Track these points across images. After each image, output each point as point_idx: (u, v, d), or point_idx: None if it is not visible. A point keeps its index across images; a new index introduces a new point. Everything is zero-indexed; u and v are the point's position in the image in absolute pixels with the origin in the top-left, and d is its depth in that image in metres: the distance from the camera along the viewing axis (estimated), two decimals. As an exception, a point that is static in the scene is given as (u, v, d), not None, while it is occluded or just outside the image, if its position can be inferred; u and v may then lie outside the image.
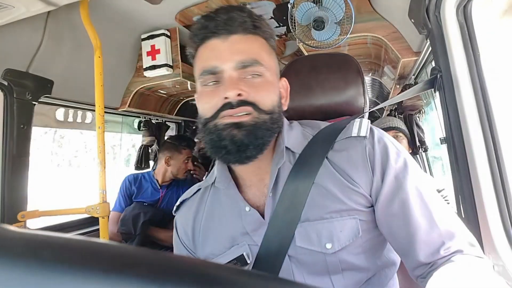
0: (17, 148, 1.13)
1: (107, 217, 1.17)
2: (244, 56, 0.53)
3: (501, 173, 0.71)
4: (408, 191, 0.52)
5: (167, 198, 1.77)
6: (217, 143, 0.53)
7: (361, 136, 0.56)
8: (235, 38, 0.54)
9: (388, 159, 0.54)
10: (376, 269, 0.57)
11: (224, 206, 0.61)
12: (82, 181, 5.11)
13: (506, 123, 0.75)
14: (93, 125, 1.65)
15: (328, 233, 0.53)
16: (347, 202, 0.53)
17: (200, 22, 0.55)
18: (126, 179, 1.78)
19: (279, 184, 0.56)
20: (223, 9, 0.55)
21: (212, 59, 0.53)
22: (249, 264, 0.57)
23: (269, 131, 0.54)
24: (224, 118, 0.52)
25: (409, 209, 0.51)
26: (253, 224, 0.57)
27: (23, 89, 1.13)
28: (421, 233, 0.50)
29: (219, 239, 0.60)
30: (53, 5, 0.81)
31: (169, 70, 1.46)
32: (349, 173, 0.54)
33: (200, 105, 0.57)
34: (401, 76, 1.72)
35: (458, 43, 0.76)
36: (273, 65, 0.58)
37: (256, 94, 0.52)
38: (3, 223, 1.09)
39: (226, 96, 0.51)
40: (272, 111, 0.54)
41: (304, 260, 0.54)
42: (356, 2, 1.18)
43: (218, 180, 0.61)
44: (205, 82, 0.55)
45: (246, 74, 0.53)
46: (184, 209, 0.68)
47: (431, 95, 1.83)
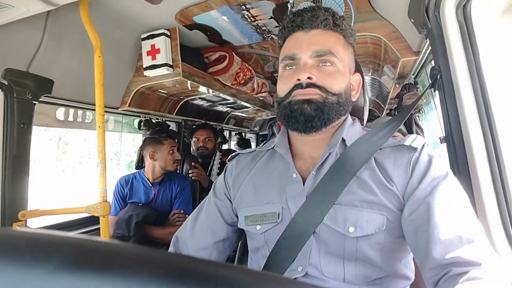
0: (18, 147, 1.13)
1: (107, 216, 1.17)
2: (320, 46, 0.61)
3: (500, 172, 0.72)
4: (440, 195, 0.54)
5: (160, 195, 1.75)
6: (289, 115, 0.61)
7: (413, 147, 0.60)
8: (316, 32, 0.63)
9: (430, 169, 0.57)
10: (387, 273, 0.59)
11: (275, 167, 0.69)
12: (87, 184, 5.11)
13: (506, 122, 0.75)
14: (93, 124, 1.65)
15: (354, 219, 0.57)
16: (380, 196, 0.57)
17: (289, 18, 0.65)
18: (118, 182, 1.77)
19: (324, 167, 0.62)
20: (310, 8, 0.64)
21: (293, 48, 0.63)
22: (277, 223, 0.63)
23: (334, 110, 0.61)
24: (296, 96, 0.61)
25: (435, 210, 0.52)
26: (294, 191, 0.63)
27: (23, 88, 1.13)
28: (440, 233, 0.50)
29: (259, 193, 0.67)
30: (53, 5, 0.81)
31: (169, 69, 1.45)
32: (390, 173, 0.58)
33: (278, 86, 0.66)
34: (400, 75, 1.72)
35: (457, 43, 0.76)
36: (346, 58, 0.65)
37: (324, 80, 0.60)
38: (3, 222, 1.09)
39: (299, 78, 0.60)
40: (339, 94, 0.62)
41: (325, 238, 0.58)
42: (356, 2, 1.18)
43: (278, 146, 0.69)
44: (284, 66, 0.64)
45: (319, 62, 0.61)
46: (238, 158, 0.78)
47: (430, 95, 1.84)
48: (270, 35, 1.59)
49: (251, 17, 1.39)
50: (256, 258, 0.68)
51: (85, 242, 0.15)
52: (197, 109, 2.40)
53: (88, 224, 1.70)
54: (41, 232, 0.16)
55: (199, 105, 2.38)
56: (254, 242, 0.68)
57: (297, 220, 0.60)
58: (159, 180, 1.77)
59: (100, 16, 1.22)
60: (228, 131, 3.53)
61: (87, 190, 3.40)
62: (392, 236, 0.57)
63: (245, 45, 1.74)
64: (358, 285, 0.57)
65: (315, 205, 0.59)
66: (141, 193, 1.74)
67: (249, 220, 0.66)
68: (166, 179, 1.80)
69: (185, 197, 1.77)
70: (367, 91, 1.29)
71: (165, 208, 1.74)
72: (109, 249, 0.15)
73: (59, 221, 1.60)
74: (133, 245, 0.16)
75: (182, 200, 1.75)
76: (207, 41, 1.66)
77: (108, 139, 1.17)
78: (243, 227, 0.69)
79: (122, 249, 0.15)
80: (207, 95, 2.06)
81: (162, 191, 1.76)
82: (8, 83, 1.09)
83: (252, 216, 0.66)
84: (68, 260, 0.14)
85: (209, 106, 2.51)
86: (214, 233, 0.73)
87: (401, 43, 1.36)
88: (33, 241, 0.15)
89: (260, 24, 1.46)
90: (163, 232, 1.61)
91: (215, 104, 2.49)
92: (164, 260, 0.14)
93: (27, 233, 0.16)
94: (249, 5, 1.28)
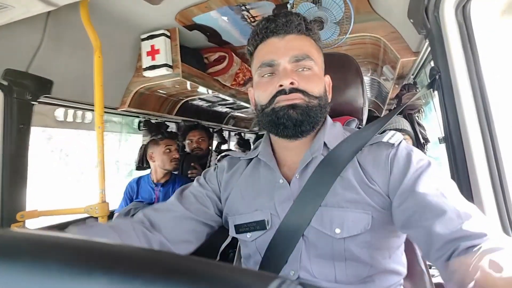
0: (16, 148, 1.13)
1: (106, 217, 1.17)
2: (297, 51, 0.61)
3: (499, 173, 0.72)
4: (427, 181, 0.53)
5: (162, 195, 1.81)
6: (275, 121, 0.61)
7: (390, 143, 0.60)
8: (290, 37, 0.63)
9: (410, 161, 0.57)
10: (378, 270, 0.59)
11: (261, 175, 0.69)
12: (89, 193, 5.09)
13: (505, 122, 0.75)
14: (92, 125, 1.65)
15: (340, 220, 0.57)
16: (364, 196, 0.57)
17: (261, 24, 0.65)
18: (129, 184, 1.91)
19: (308, 170, 0.63)
20: (282, 13, 0.64)
21: (270, 54, 0.63)
22: (267, 230, 0.63)
23: (318, 112, 0.62)
24: (280, 102, 0.61)
25: (426, 196, 0.51)
26: (282, 195, 0.63)
27: (22, 89, 1.13)
28: (437, 214, 0.49)
29: (248, 201, 0.67)
30: (53, 5, 0.81)
31: (168, 70, 1.45)
32: (370, 172, 0.59)
33: (256, 93, 0.66)
34: (400, 76, 1.72)
35: (457, 43, 0.76)
36: (320, 62, 0.66)
37: (305, 84, 0.61)
38: (2, 223, 1.09)
39: (281, 84, 0.60)
40: (320, 97, 0.63)
41: (313, 240, 0.59)
42: (355, 2, 1.18)
43: (262, 154, 0.70)
44: (262, 74, 0.64)
45: (298, 67, 0.62)
46: (228, 161, 0.77)
47: (430, 95, 1.84)
48: (270, 35, 1.59)
49: (251, 18, 1.39)
50: (248, 264, 0.68)
51: (84, 243, 0.15)
52: (197, 109, 2.40)
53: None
54: (39, 233, 0.16)
55: (199, 106, 2.38)
56: (246, 249, 0.68)
57: (285, 224, 0.60)
58: (163, 181, 1.85)
59: (100, 16, 1.22)
60: (227, 131, 3.53)
61: (91, 196, 3.37)
62: (378, 234, 0.57)
63: (244, 45, 1.73)
64: (350, 284, 0.57)
65: (302, 208, 0.60)
66: (146, 193, 1.85)
67: (239, 228, 0.66)
68: (171, 181, 1.87)
69: None
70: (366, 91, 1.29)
71: None
72: (108, 250, 0.15)
73: (58, 222, 1.60)
74: (132, 246, 0.16)
75: None
76: (206, 42, 1.66)
77: (108, 146, 1.17)
78: (234, 235, 0.68)
79: (120, 249, 0.15)
80: (206, 96, 2.06)
81: (164, 191, 1.82)
82: (7, 84, 1.09)
83: (242, 225, 0.66)
84: (66, 260, 0.14)
85: (209, 107, 2.51)
86: (198, 211, 0.69)
87: (400, 43, 1.36)
88: (31, 242, 0.15)
89: (260, 24, 1.46)
90: None
91: (215, 105, 2.49)
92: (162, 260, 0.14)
93: (26, 234, 0.16)
94: (249, 5, 1.28)
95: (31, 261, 0.14)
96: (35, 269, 0.13)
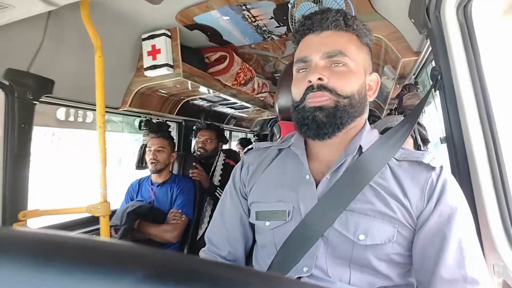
0: (18, 147, 1.13)
1: (108, 216, 1.17)
2: (330, 47, 0.60)
3: (501, 173, 0.71)
4: (456, 227, 0.54)
5: (159, 195, 1.82)
6: (301, 121, 0.62)
7: (431, 166, 0.59)
8: (326, 34, 0.62)
9: (447, 194, 0.57)
10: (393, 283, 0.59)
11: (289, 167, 0.69)
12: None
13: (506, 122, 0.75)
14: (93, 124, 1.65)
15: (366, 227, 0.57)
16: (395, 210, 0.57)
17: (300, 21, 0.65)
18: (131, 184, 1.93)
19: (339, 171, 0.62)
20: (320, 10, 0.64)
21: (304, 50, 0.63)
22: (286, 222, 0.63)
23: (347, 113, 0.60)
24: (310, 101, 0.60)
25: (449, 243, 0.53)
26: (306, 192, 0.63)
27: (24, 88, 1.13)
28: (447, 268, 0.52)
29: (272, 190, 0.68)
30: (53, 5, 0.81)
31: (169, 70, 1.45)
32: (406, 188, 0.58)
33: (292, 90, 0.66)
34: (401, 75, 1.72)
35: (458, 43, 0.76)
36: (360, 58, 0.63)
37: (336, 81, 0.60)
38: (4, 222, 1.09)
39: (310, 80, 0.60)
40: (351, 96, 0.61)
41: (333, 242, 0.59)
42: (356, 2, 1.18)
43: (294, 145, 0.70)
44: (297, 70, 0.65)
45: (331, 63, 0.61)
46: (255, 153, 0.78)
47: (431, 95, 1.83)
48: (271, 35, 1.59)
49: (252, 17, 1.39)
50: (262, 255, 0.69)
51: (86, 242, 0.15)
52: (198, 109, 2.40)
53: (89, 224, 1.70)
54: (42, 232, 0.16)
55: (200, 105, 2.38)
56: (262, 238, 0.68)
57: (307, 221, 0.60)
58: (160, 180, 1.85)
59: (101, 16, 1.22)
60: (228, 131, 3.53)
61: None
62: (400, 249, 0.58)
63: (245, 45, 1.74)
64: None
65: (327, 209, 0.59)
66: (146, 192, 1.86)
67: (259, 215, 0.67)
68: (170, 180, 1.86)
69: (185, 198, 1.79)
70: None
71: (164, 208, 1.78)
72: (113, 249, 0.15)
73: (60, 221, 1.60)
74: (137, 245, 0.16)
75: (182, 200, 1.78)
76: (207, 41, 1.66)
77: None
78: (253, 222, 0.70)
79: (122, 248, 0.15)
80: (207, 95, 2.06)
81: (161, 191, 1.83)
82: (9, 83, 1.09)
83: (263, 212, 0.67)
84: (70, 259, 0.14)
85: (210, 107, 2.51)
86: (243, 226, 0.74)
87: (401, 43, 1.36)
88: (34, 241, 0.15)
89: (261, 24, 1.46)
90: (156, 229, 1.66)
91: (216, 105, 2.49)
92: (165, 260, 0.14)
93: (28, 232, 0.16)
94: (250, 5, 1.28)
95: (34, 260, 0.14)
96: (38, 268, 0.13)
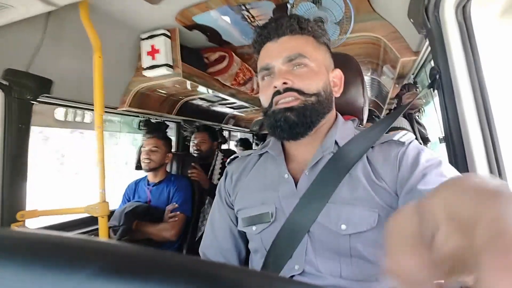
0: (16, 147, 1.13)
1: (107, 217, 1.17)
2: (289, 51, 0.63)
3: (499, 172, 0.72)
4: (434, 180, 0.52)
5: (156, 195, 1.82)
6: (273, 124, 0.63)
7: (401, 141, 0.61)
8: (284, 39, 0.65)
9: (419, 158, 0.57)
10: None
11: (268, 170, 0.71)
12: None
13: (505, 122, 0.75)
14: (92, 124, 1.65)
15: (346, 216, 0.58)
16: (371, 193, 0.58)
17: (256, 32, 0.68)
18: (128, 185, 1.92)
19: (318, 167, 0.64)
20: (273, 19, 0.66)
21: (266, 58, 0.66)
22: (271, 223, 0.64)
23: (316, 111, 0.63)
24: (278, 104, 0.62)
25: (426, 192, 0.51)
26: (286, 191, 0.64)
27: (22, 88, 1.13)
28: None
29: (255, 194, 0.69)
30: (53, 5, 0.81)
31: (169, 70, 1.45)
32: (379, 170, 0.60)
33: (260, 98, 0.68)
34: (400, 75, 1.72)
35: (457, 43, 0.76)
36: (319, 57, 0.66)
37: (300, 82, 0.62)
38: (2, 222, 1.09)
39: (275, 85, 0.62)
40: (317, 93, 0.63)
41: (319, 236, 0.59)
42: (356, 2, 1.18)
43: (271, 148, 0.72)
44: (262, 77, 0.67)
45: (292, 66, 0.63)
46: (237, 162, 0.80)
47: (430, 95, 1.83)
48: (270, 35, 1.59)
49: (251, 18, 1.39)
50: (255, 258, 0.69)
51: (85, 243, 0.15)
52: (197, 109, 2.39)
53: (88, 224, 1.70)
54: (39, 232, 0.16)
55: (199, 105, 2.38)
56: (252, 243, 0.69)
57: (291, 219, 0.61)
58: (156, 180, 1.85)
59: (100, 16, 1.22)
60: (227, 131, 3.53)
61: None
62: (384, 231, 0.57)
63: (245, 45, 1.74)
64: (356, 281, 0.57)
65: (309, 204, 0.60)
66: (143, 193, 1.86)
67: (246, 221, 0.68)
68: (166, 180, 1.85)
69: (182, 195, 1.79)
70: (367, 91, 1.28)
71: (161, 207, 1.78)
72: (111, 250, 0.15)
73: (59, 221, 1.60)
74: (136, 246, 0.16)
75: (179, 198, 1.78)
76: (207, 42, 1.66)
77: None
78: (241, 229, 0.70)
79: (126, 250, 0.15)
80: (206, 95, 2.06)
81: (157, 190, 1.83)
82: (8, 83, 1.09)
83: (248, 218, 0.68)
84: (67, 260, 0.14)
85: (209, 106, 2.51)
86: (233, 236, 0.75)
87: (400, 43, 1.36)
88: (31, 241, 0.15)
89: (260, 24, 1.46)
90: (154, 228, 1.66)
91: (215, 104, 2.49)
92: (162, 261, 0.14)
93: (26, 233, 0.16)
94: (249, 5, 1.28)
95: (31, 260, 0.14)
96: (35, 268, 0.13)
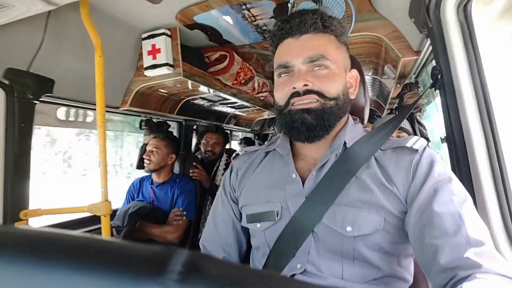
0: (19, 147, 1.13)
1: (109, 216, 1.17)
2: (311, 52, 0.61)
3: (501, 172, 0.71)
4: (445, 198, 0.53)
5: (159, 195, 1.82)
6: (290, 124, 0.62)
7: (414, 149, 0.60)
8: (306, 37, 0.62)
9: (432, 172, 0.56)
10: (386, 274, 0.59)
11: (276, 168, 0.70)
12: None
13: (507, 122, 0.75)
14: (94, 124, 1.65)
15: (352, 218, 0.57)
16: (379, 197, 0.57)
17: (277, 25, 0.65)
18: (132, 183, 1.92)
19: (325, 168, 0.63)
20: (297, 13, 0.63)
21: (285, 55, 0.63)
22: (276, 222, 0.64)
23: (334, 115, 0.62)
24: (295, 105, 0.61)
25: (441, 215, 0.51)
26: (293, 190, 0.64)
27: (24, 88, 1.13)
28: (448, 237, 0.49)
29: (261, 192, 0.69)
30: (53, 5, 0.81)
31: (170, 69, 1.45)
32: (391, 174, 0.58)
33: (275, 94, 0.66)
34: (401, 75, 1.72)
35: (458, 42, 0.76)
36: (340, 58, 0.64)
37: (321, 84, 0.60)
38: (5, 221, 1.10)
39: (294, 86, 0.60)
40: (337, 98, 0.62)
41: (323, 237, 0.59)
42: (357, 2, 1.18)
43: (279, 146, 0.71)
44: (279, 74, 0.65)
45: (313, 67, 0.61)
46: (243, 157, 0.79)
47: (432, 94, 1.83)
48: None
49: (252, 17, 1.39)
50: (257, 256, 0.70)
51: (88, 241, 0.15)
52: (198, 108, 2.40)
53: (91, 223, 1.70)
54: (43, 230, 0.16)
55: (200, 105, 2.38)
56: (255, 240, 0.69)
57: (296, 219, 0.61)
58: (161, 180, 1.85)
59: (101, 15, 1.22)
60: (229, 130, 3.53)
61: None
62: (390, 238, 0.57)
63: (245, 44, 1.73)
64: (357, 283, 0.58)
65: (315, 205, 0.60)
66: (145, 192, 1.87)
67: (250, 218, 0.68)
68: (170, 181, 1.86)
69: (186, 199, 1.79)
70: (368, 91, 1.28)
71: (164, 208, 1.78)
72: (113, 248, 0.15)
73: (62, 220, 1.61)
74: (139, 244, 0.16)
75: (183, 202, 1.78)
76: (207, 41, 1.66)
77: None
78: (245, 225, 0.71)
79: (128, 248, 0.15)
80: (207, 95, 2.06)
81: (161, 191, 1.83)
82: (9, 83, 1.09)
83: (253, 215, 0.68)
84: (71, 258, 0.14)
85: (210, 106, 2.51)
86: (235, 231, 0.75)
87: (401, 42, 1.36)
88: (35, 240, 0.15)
89: (261, 23, 1.46)
90: (158, 230, 1.66)
91: (216, 104, 2.49)
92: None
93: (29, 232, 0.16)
94: (250, 4, 1.28)
95: (35, 258, 0.14)
96: (39, 266, 0.14)
